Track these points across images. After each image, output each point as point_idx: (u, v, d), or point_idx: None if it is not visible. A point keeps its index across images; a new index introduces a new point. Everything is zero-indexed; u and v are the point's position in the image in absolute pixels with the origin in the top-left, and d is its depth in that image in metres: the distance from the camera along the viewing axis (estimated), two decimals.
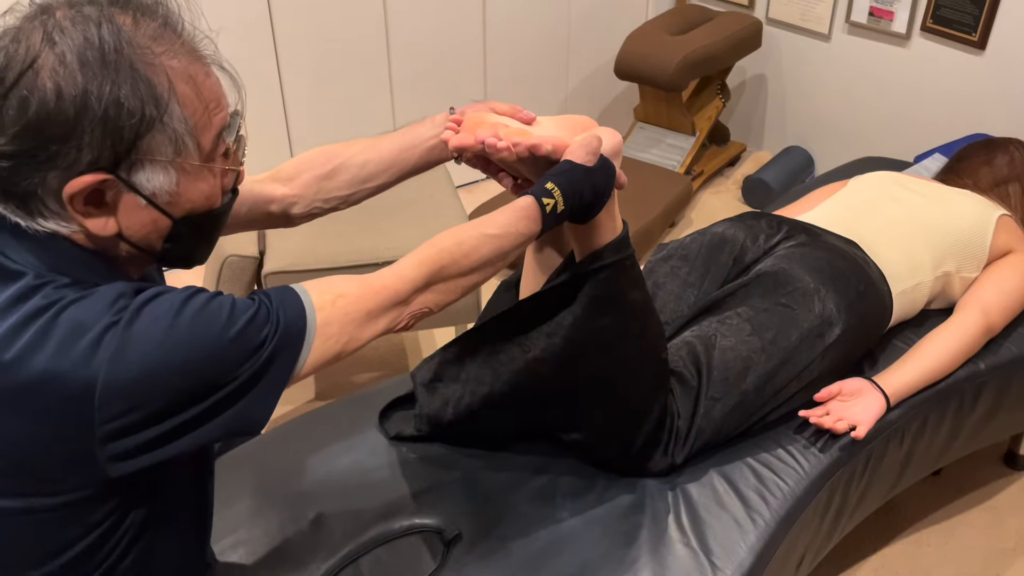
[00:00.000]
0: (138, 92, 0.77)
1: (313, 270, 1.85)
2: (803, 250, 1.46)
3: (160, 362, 0.77)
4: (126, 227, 0.82)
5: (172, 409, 0.79)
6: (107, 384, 0.76)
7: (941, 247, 1.56)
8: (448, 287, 0.96)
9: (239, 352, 0.81)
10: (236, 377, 0.81)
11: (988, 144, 1.82)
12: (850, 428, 1.35)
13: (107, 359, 0.75)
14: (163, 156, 0.80)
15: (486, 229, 0.97)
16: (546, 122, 1.16)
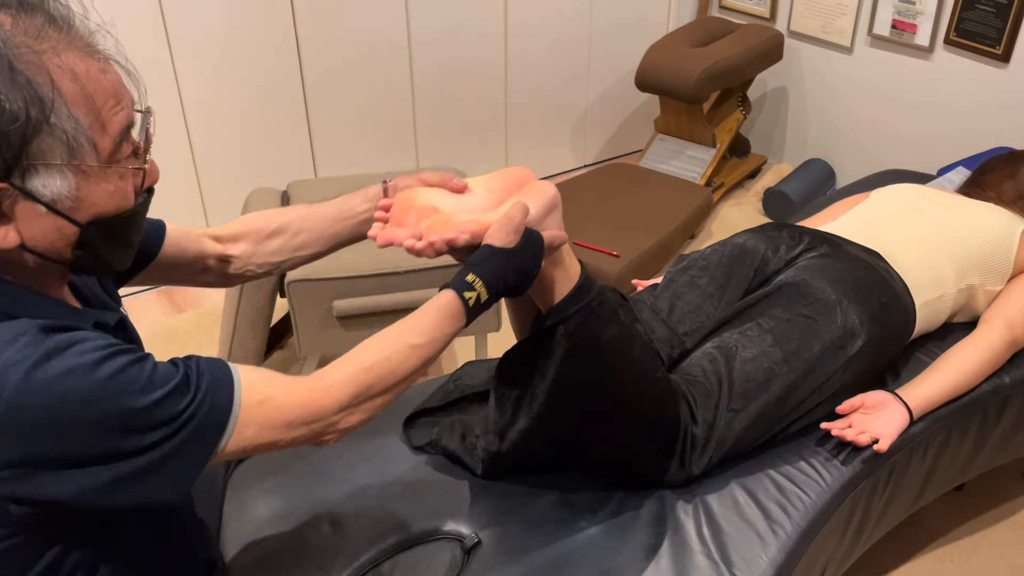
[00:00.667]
0: (19, 93, 0.72)
1: (336, 278, 1.86)
2: (825, 261, 1.46)
3: (62, 414, 0.73)
4: (28, 237, 0.78)
5: (64, 462, 0.75)
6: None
7: (965, 260, 1.55)
8: (375, 404, 0.93)
9: (148, 422, 0.77)
10: (143, 448, 0.77)
11: (1012, 157, 1.80)
12: (872, 441, 1.34)
13: (4, 399, 0.71)
14: (56, 159, 0.75)
15: (412, 339, 0.94)
16: (479, 187, 1.12)
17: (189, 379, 0.82)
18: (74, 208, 0.78)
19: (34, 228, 0.78)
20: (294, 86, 2.66)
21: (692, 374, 1.32)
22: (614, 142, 3.52)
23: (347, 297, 1.89)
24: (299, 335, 1.92)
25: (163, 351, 2.38)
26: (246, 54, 2.53)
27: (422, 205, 1.07)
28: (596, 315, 1.13)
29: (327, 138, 2.80)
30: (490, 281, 0.99)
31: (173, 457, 0.79)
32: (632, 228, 2.64)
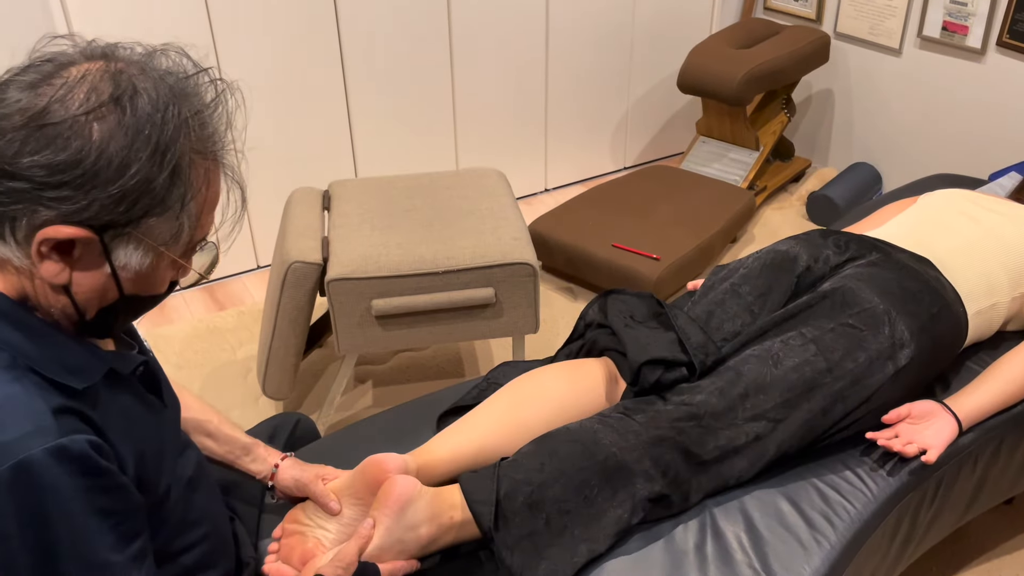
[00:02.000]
0: (171, 183, 0.77)
1: (375, 277, 1.87)
2: (872, 270, 1.43)
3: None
4: (76, 284, 0.80)
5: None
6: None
7: (1019, 268, 1.51)
8: None
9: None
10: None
11: None
12: (920, 452, 1.31)
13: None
14: (154, 240, 0.80)
15: None
16: (346, 499, 1.16)
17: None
18: (130, 280, 0.82)
19: (86, 280, 0.80)
20: (336, 85, 2.68)
21: (722, 388, 1.29)
22: (655, 144, 3.49)
23: (386, 297, 1.89)
24: (338, 333, 1.93)
25: (205, 348, 2.42)
26: (289, 54, 2.56)
27: (304, 549, 1.13)
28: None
29: (368, 138, 2.82)
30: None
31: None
32: (672, 231, 2.61)
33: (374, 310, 1.89)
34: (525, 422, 1.27)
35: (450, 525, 1.13)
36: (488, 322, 1.98)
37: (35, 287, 0.80)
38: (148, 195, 0.76)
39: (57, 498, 0.75)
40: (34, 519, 0.74)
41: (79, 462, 0.76)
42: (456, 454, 1.23)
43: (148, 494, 0.87)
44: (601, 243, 2.58)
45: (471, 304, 1.93)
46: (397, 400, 2.23)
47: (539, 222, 2.72)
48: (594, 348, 1.44)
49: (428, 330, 1.97)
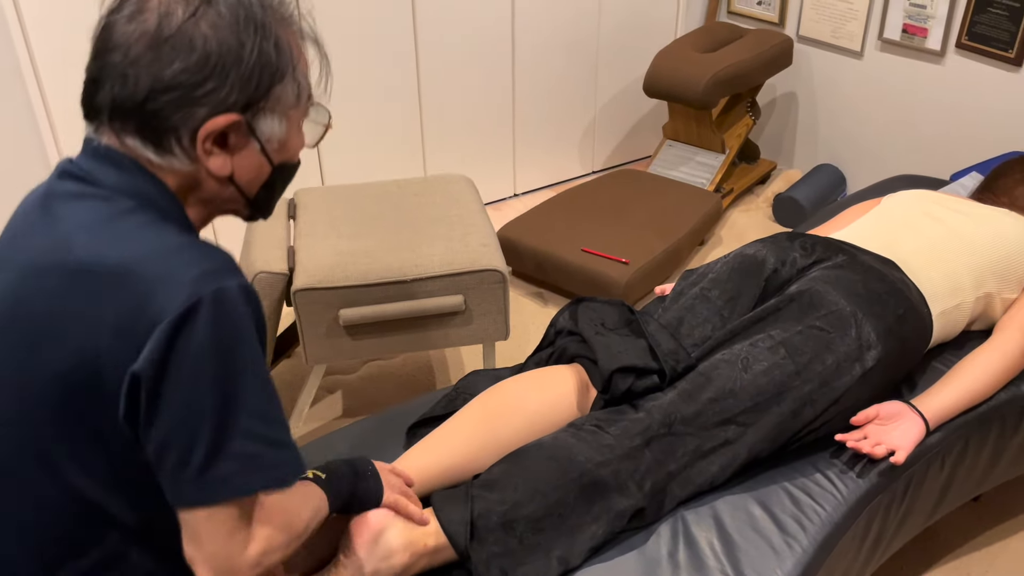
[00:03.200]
0: (278, 52, 0.89)
1: (343, 287, 1.85)
2: (839, 272, 1.44)
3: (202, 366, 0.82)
4: (237, 169, 0.92)
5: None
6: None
7: (982, 267, 1.52)
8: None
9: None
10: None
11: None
12: (889, 453, 1.32)
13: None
14: (285, 105, 0.92)
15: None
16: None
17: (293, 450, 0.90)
18: (276, 151, 0.94)
19: (244, 162, 0.92)
20: None
21: (692, 394, 1.29)
22: (623, 148, 3.50)
23: (354, 306, 1.87)
24: (305, 344, 1.91)
25: None
26: None
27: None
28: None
29: (334, 145, 2.79)
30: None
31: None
32: (641, 235, 2.62)
33: (342, 320, 1.87)
34: (497, 436, 1.25)
35: (424, 551, 1.12)
36: (458, 330, 1.97)
37: (203, 188, 0.92)
38: (268, 67, 0.89)
39: (242, 331, 0.84)
40: (227, 342, 0.83)
41: (256, 307, 0.87)
42: (427, 472, 1.21)
43: None
44: (570, 248, 2.58)
45: (440, 312, 1.91)
46: (367, 410, 2.21)
47: (508, 227, 2.71)
48: (564, 355, 1.44)
49: (397, 339, 1.95)
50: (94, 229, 0.85)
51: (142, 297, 0.81)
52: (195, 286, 0.82)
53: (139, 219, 0.87)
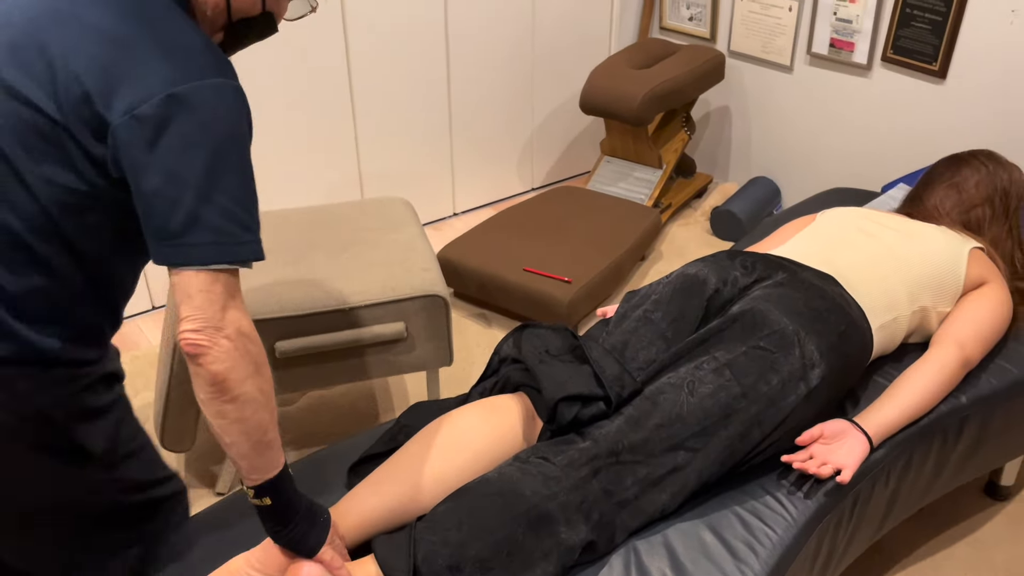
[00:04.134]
0: None
1: (278, 318, 1.78)
2: (780, 291, 1.44)
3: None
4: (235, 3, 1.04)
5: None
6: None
7: (917, 282, 1.55)
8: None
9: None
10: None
11: (953, 161, 1.78)
12: (835, 472, 1.32)
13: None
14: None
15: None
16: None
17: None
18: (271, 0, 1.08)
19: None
20: None
21: (637, 419, 1.27)
22: (562, 164, 3.50)
23: (290, 337, 1.81)
24: None
25: None
26: None
27: None
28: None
29: (266, 170, 2.72)
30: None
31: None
32: (582, 252, 2.61)
33: (278, 352, 1.81)
34: (441, 474, 1.21)
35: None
36: (400, 357, 1.92)
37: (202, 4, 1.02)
38: None
39: (239, 123, 0.96)
40: (223, 127, 0.94)
41: (248, 112, 0.99)
42: (369, 514, 1.17)
43: None
44: (512, 268, 2.56)
45: (381, 340, 1.86)
46: (307, 443, 2.14)
47: (449, 248, 2.67)
48: (508, 385, 1.40)
49: (337, 369, 1.89)
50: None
51: (159, 62, 0.92)
52: (203, 72, 0.93)
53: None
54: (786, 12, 2.89)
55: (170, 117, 0.91)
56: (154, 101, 0.91)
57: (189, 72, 0.93)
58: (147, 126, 0.91)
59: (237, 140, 0.96)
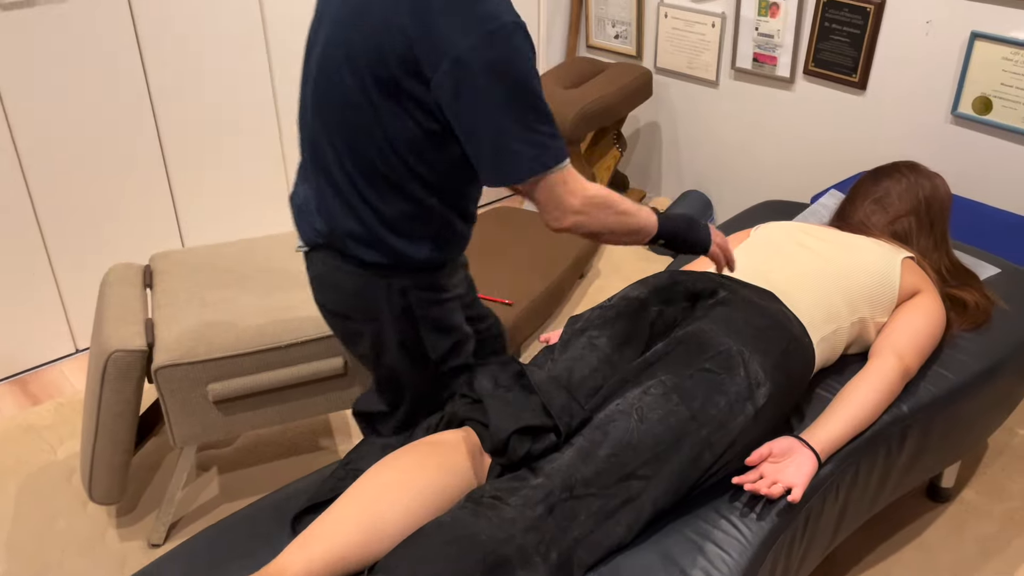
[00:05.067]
0: None
1: (209, 360, 1.71)
2: (721, 310, 1.43)
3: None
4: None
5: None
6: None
7: (853, 294, 1.56)
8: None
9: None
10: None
11: (876, 175, 1.82)
12: (786, 491, 1.31)
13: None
14: None
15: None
16: None
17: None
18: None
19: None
20: (151, 149, 2.48)
21: (588, 450, 1.25)
22: None
23: (224, 379, 1.74)
24: (172, 425, 1.75)
25: (19, 450, 2.14)
26: (95, 118, 2.34)
27: None
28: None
29: (193, 201, 2.63)
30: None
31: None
32: (522, 274, 2.59)
33: (211, 395, 1.73)
34: (387, 519, 1.17)
35: None
36: (340, 393, 1.86)
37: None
38: None
39: (530, 58, 1.17)
40: (520, 62, 1.15)
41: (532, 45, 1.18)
42: (317, 566, 1.11)
43: None
44: None
45: (320, 377, 1.81)
46: (248, 487, 2.06)
47: None
48: (454, 419, 1.37)
49: (275, 409, 1.82)
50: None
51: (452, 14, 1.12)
52: (503, 18, 1.13)
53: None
54: (709, 28, 2.93)
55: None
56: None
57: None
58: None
59: (531, 69, 1.20)
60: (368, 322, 1.39)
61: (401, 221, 1.30)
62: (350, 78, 1.22)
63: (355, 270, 1.35)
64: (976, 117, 2.39)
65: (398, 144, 1.23)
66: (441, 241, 1.35)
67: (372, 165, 1.26)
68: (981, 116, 2.38)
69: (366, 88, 1.21)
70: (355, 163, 1.27)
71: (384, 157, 1.25)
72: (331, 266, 1.37)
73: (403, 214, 1.30)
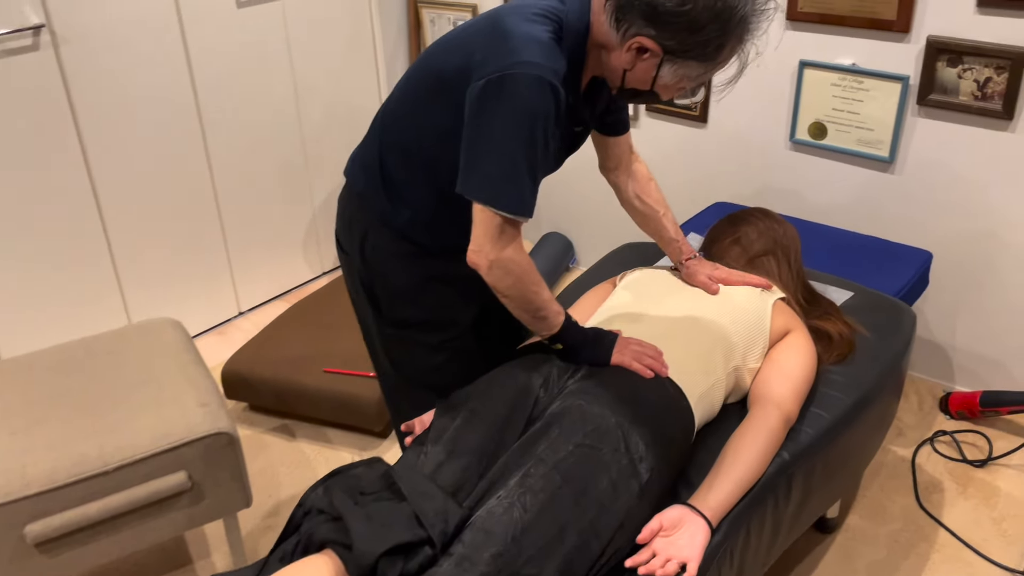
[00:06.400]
0: (717, 49, 1.27)
1: (23, 498, 1.47)
2: (594, 382, 1.35)
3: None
4: (632, 71, 1.32)
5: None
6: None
7: (727, 341, 1.52)
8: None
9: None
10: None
11: (732, 220, 1.83)
12: (680, 567, 1.23)
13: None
14: (685, 72, 1.31)
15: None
16: None
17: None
18: (659, 86, 1.33)
19: (639, 72, 1.32)
20: None
21: (467, 545, 1.13)
22: None
23: (43, 517, 1.50)
24: None
25: None
26: None
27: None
28: None
29: (5, 307, 2.34)
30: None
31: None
32: None
33: (30, 538, 1.49)
34: None
35: None
36: (187, 511, 1.65)
37: (603, 52, 1.34)
38: (701, 48, 1.25)
39: (542, 107, 1.25)
40: (530, 109, 1.25)
41: (556, 96, 1.26)
42: None
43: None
44: (311, 370, 2.34)
45: (161, 497, 1.59)
46: None
47: (236, 359, 2.41)
48: (312, 543, 1.21)
49: (112, 541, 1.59)
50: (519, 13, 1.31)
51: (497, 48, 1.26)
52: (517, 60, 1.24)
53: (541, 23, 1.30)
54: None
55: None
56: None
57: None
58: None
59: (535, 120, 1.28)
60: (346, 254, 1.59)
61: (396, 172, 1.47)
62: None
63: (347, 194, 1.55)
64: (813, 142, 2.46)
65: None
66: (422, 211, 1.47)
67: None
68: (817, 141, 2.45)
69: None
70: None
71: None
72: (342, 192, 1.58)
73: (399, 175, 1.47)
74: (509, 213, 1.27)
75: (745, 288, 1.63)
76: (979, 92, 2.13)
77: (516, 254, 1.32)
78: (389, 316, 1.57)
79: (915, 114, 2.26)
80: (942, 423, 2.31)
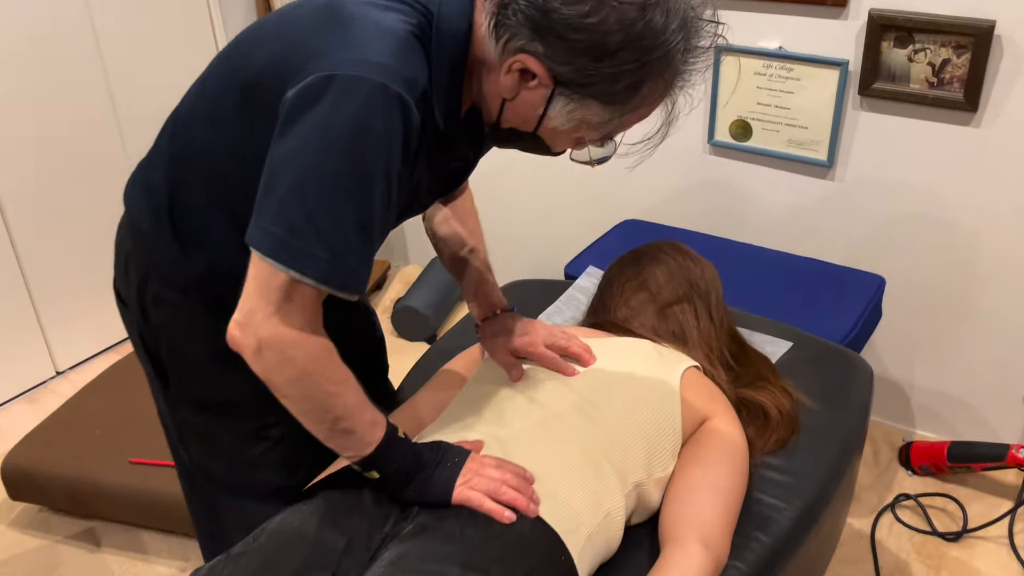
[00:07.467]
0: (631, 89, 0.90)
1: None
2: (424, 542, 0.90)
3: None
4: (514, 101, 0.94)
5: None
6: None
7: (623, 450, 1.07)
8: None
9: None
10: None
11: (637, 258, 1.38)
12: None
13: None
14: (584, 115, 0.93)
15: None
16: None
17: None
18: (544, 129, 0.95)
19: (522, 106, 0.94)
20: None
21: None
22: None
23: None
24: None
25: None
26: None
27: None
28: None
29: None
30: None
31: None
32: None
33: None
34: None
35: None
36: None
37: (482, 76, 0.95)
38: (608, 85, 0.88)
39: (382, 130, 0.87)
40: (359, 129, 0.86)
41: (404, 117, 0.88)
42: None
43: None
44: (113, 463, 1.83)
45: None
46: None
47: (19, 450, 1.87)
48: None
49: None
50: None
51: (328, 40, 0.89)
52: (355, 58, 0.87)
53: (397, 11, 0.92)
54: None
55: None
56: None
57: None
58: None
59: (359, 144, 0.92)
60: (124, 305, 1.19)
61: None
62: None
63: (125, 225, 1.16)
64: (735, 144, 2.03)
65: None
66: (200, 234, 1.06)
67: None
68: (741, 143, 2.03)
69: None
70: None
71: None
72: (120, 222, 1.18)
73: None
74: (301, 273, 0.87)
75: (643, 357, 1.17)
76: (935, 78, 1.73)
77: (304, 335, 0.90)
78: (181, 394, 1.16)
79: (857, 107, 1.85)
80: (903, 481, 1.92)
